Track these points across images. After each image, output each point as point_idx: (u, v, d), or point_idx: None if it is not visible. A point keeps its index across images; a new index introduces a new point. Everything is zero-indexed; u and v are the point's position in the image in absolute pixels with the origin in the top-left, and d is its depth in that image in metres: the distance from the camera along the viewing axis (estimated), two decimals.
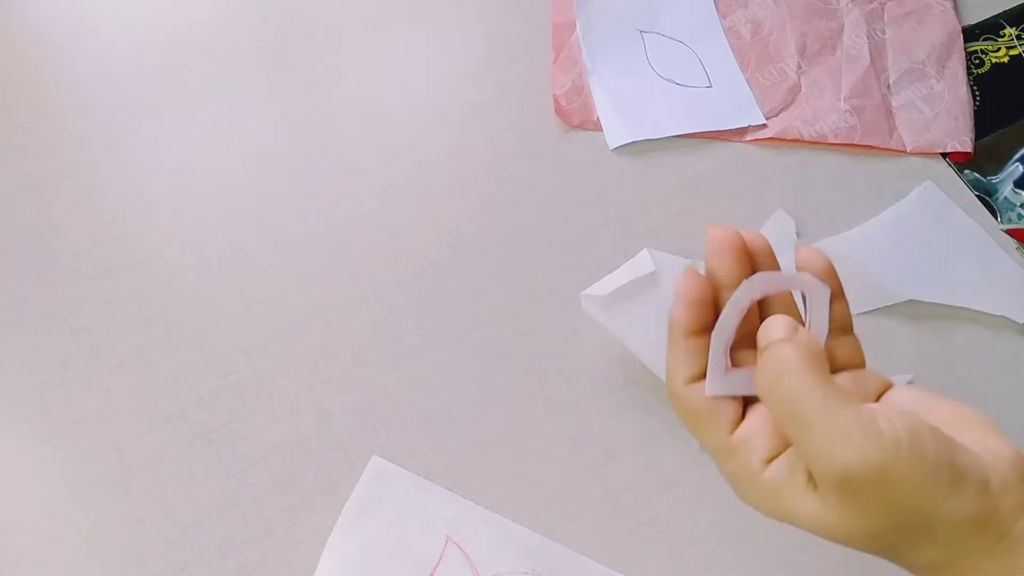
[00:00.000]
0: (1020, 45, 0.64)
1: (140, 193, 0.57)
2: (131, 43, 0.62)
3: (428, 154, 0.59)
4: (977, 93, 0.62)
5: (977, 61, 0.63)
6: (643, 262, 0.51)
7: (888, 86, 0.61)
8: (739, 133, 0.60)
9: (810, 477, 0.31)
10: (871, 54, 0.62)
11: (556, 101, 0.60)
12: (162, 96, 0.60)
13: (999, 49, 0.64)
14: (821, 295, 0.33)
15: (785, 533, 0.48)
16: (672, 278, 0.51)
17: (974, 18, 0.65)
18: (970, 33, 0.64)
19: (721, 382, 0.34)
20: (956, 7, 0.65)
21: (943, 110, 0.60)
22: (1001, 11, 0.65)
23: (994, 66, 0.63)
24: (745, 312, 0.33)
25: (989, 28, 0.65)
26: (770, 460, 0.33)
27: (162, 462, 0.50)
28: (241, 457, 0.50)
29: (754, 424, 0.33)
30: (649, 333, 0.52)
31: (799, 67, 0.62)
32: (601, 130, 0.60)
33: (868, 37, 0.63)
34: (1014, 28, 0.65)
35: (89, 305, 0.54)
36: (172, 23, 0.63)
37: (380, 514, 0.48)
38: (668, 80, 0.62)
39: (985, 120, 0.61)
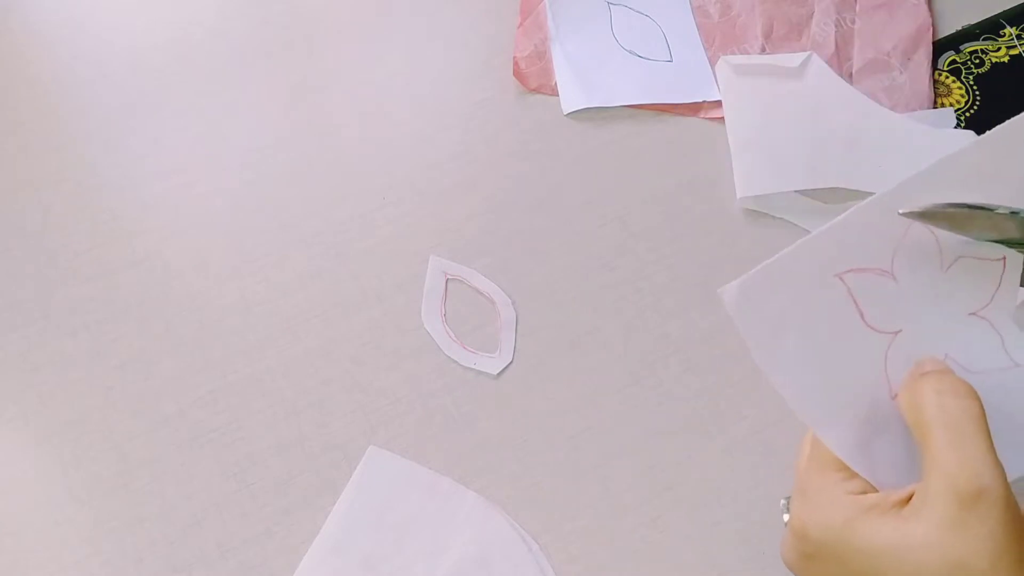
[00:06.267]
0: (1020, 45, 0.64)
1: (140, 193, 0.57)
2: (131, 43, 0.62)
3: (429, 153, 0.59)
4: (978, 93, 0.62)
5: (977, 61, 0.63)
6: (792, 58, 0.57)
7: (851, 75, 0.62)
8: (694, 108, 0.61)
9: (916, 505, 0.32)
10: (836, 42, 0.63)
11: (516, 64, 0.61)
12: (162, 96, 0.60)
13: (999, 49, 0.64)
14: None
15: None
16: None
17: (974, 18, 0.65)
18: (970, 33, 0.64)
19: None
20: (929, 2, 0.65)
21: (901, 102, 0.60)
22: (1001, 11, 0.65)
23: (994, 66, 0.63)
24: None
25: (989, 28, 0.65)
26: (863, 492, 0.34)
27: (162, 462, 0.50)
28: (241, 457, 0.50)
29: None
30: (756, 114, 0.57)
31: (763, 50, 0.62)
32: (557, 95, 0.61)
33: (836, 25, 0.63)
34: (1014, 28, 0.65)
35: (89, 305, 0.54)
36: (172, 23, 0.63)
37: (377, 497, 0.49)
38: (630, 52, 0.63)
39: (985, 120, 0.61)
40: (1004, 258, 0.37)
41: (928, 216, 0.36)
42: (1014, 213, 0.35)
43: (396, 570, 0.47)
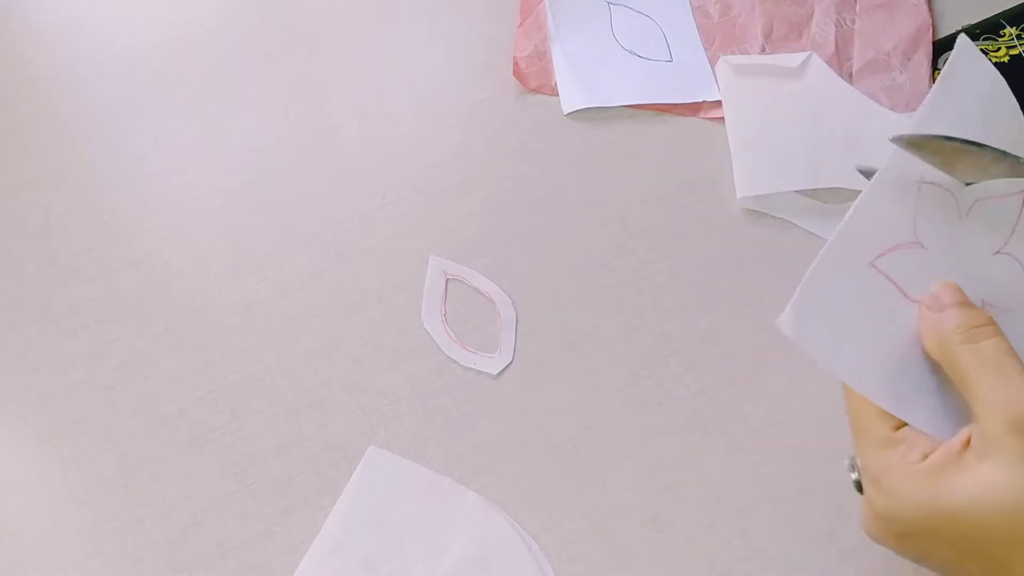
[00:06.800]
0: (1020, 45, 0.64)
1: (140, 193, 0.57)
2: (131, 43, 0.62)
3: (429, 153, 0.59)
4: None
5: None
6: (792, 58, 0.59)
7: (851, 75, 0.62)
8: (694, 108, 0.61)
9: (980, 449, 0.33)
10: (836, 42, 0.63)
11: (516, 64, 0.61)
12: (162, 96, 0.60)
13: (999, 49, 0.64)
14: None
15: (785, 535, 0.48)
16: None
17: (974, 18, 0.65)
18: (970, 33, 0.64)
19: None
20: (929, 2, 0.65)
21: (901, 102, 0.61)
22: (1001, 11, 0.65)
23: (994, 66, 0.63)
24: None
25: (989, 28, 0.65)
26: (926, 456, 0.35)
27: (162, 462, 0.50)
28: (241, 457, 0.50)
29: (910, 429, 0.36)
30: (756, 114, 0.57)
31: (763, 50, 0.62)
32: (557, 95, 0.61)
33: (836, 25, 0.63)
34: (1014, 28, 0.65)
35: (89, 305, 0.54)
36: (172, 23, 0.63)
37: (377, 497, 0.49)
38: (630, 52, 0.63)
39: None
40: (1023, 191, 0.37)
41: (917, 145, 0.37)
42: (1006, 155, 0.35)
43: (396, 570, 0.47)
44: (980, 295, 0.38)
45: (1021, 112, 0.40)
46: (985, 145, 0.36)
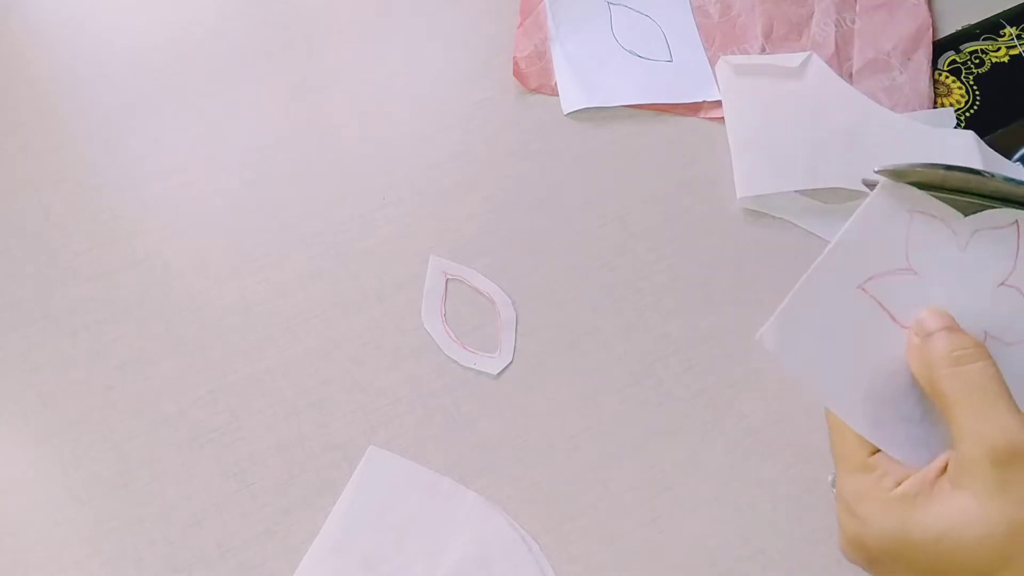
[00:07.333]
0: (1020, 45, 0.64)
1: (140, 193, 0.57)
2: (131, 43, 0.62)
3: (429, 153, 0.59)
4: (977, 93, 0.62)
5: (977, 61, 0.63)
6: (792, 58, 0.58)
7: (851, 75, 0.62)
8: (694, 108, 0.61)
9: (955, 478, 0.33)
10: (836, 42, 0.63)
11: (516, 64, 0.61)
12: (162, 96, 0.60)
13: (999, 49, 0.64)
14: None
15: (785, 535, 0.48)
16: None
17: (974, 18, 0.65)
18: (970, 33, 0.64)
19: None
20: (929, 2, 0.65)
21: (901, 102, 0.61)
22: (1001, 11, 0.65)
23: (994, 66, 0.63)
24: None
25: (989, 28, 0.65)
26: (899, 484, 0.34)
27: (162, 462, 0.50)
28: (241, 457, 0.50)
29: (884, 456, 0.36)
30: (756, 114, 0.58)
31: (763, 50, 0.62)
32: (557, 95, 0.61)
33: (836, 25, 0.63)
34: (1014, 28, 0.65)
35: (88, 305, 0.54)
36: (172, 23, 0.63)
37: (377, 497, 0.49)
38: (630, 52, 0.63)
39: (985, 120, 0.61)
40: (1017, 222, 0.37)
41: (903, 175, 0.36)
42: (1008, 180, 0.35)
43: (396, 570, 0.47)
44: (983, 328, 0.37)
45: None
46: (974, 169, 0.36)
